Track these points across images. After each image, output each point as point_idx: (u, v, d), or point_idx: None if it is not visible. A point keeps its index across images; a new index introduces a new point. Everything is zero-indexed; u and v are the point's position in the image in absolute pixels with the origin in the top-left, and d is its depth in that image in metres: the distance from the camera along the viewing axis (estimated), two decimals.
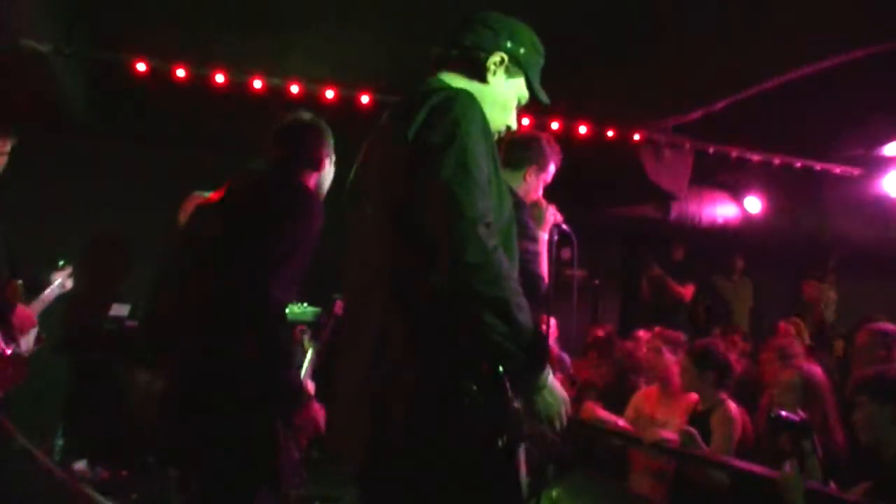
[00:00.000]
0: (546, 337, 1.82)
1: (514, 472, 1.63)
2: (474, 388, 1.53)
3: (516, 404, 1.59)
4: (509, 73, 1.85)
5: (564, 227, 2.77)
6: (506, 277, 1.53)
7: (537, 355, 1.58)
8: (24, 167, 3.97)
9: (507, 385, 1.57)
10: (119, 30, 4.41)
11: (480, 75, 1.83)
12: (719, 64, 4.41)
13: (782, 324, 5.99)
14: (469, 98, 1.66)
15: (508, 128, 1.91)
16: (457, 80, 1.82)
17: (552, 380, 1.65)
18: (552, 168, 2.92)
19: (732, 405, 3.41)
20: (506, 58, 1.82)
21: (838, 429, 3.00)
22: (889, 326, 3.70)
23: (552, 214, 2.77)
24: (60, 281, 4.21)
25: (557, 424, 1.65)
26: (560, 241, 2.76)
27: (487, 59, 1.81)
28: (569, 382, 4.54)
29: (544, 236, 2.72)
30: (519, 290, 1.56)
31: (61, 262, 4.26)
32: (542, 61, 1.92)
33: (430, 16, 3.91)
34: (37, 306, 4.05)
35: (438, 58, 1.87)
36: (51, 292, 4.15)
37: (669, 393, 3.77)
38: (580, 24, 3.86)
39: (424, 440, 1.54)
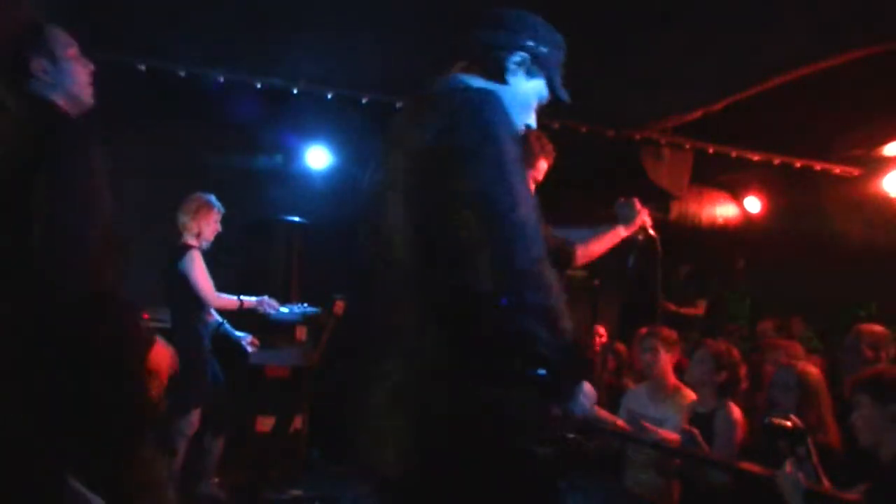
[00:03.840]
0: (586, 345, 1.80)
1: (552, 478, 1.60)
2: (513, 391, 1.49)
3: (555, 410, 1.58)
4: (530, 74, 1.77)
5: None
6: (552, 284, 1.48)
7: (578, 363, 1.58)
8: None
9: (547, 391, 1.54)
10: (119, 30, 4.41)
11: (499, 75, 1.74)
12: (719, 64, 4.41)
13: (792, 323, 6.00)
14: (497, 99, 1.59)
15: (528, 126, 1.84)
16: (474, 80, 1.72)
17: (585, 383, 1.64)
18: (543, 165, 2.90)
19: (736, 408, 3.41)
20: (527, 58, 1.75)
21: (833, 429, 3.00)
22: (876, 327, 3.71)
23: None
24: None
25: (584, 422, 1.65)
26: None
27: (507, 58, 1.74)
28: None
29: None
30: (563, 296, 1.51)
31: None
32: (563, 58, 1.84)
33: (430, 16, 3.91)
34: None
35: (454, 55, 1.78)
36: None
37: (662, 391, 3.77)
38: (580, 24, 3.86)
39: (464, 446, 1.50)
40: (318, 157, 5.91)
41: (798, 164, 5.90)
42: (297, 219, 5.53)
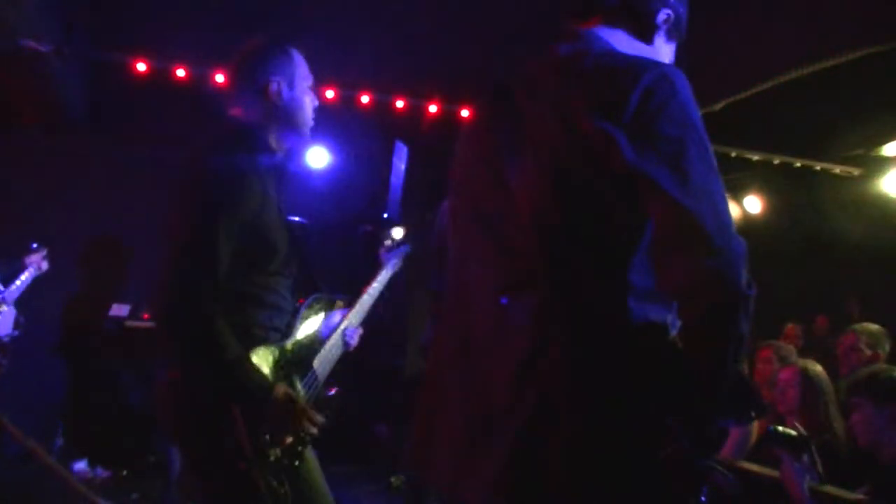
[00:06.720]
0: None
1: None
2: (673, 431, 1.20)
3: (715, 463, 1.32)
4: (669, 37, 1.54)
5: None
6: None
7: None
8: (23, 167, 3.96)
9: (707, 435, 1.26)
10: (119, 30, 4.41)
11: (646, 34, 1.49)
12: (719, 64, 4.41)
13: (790, 326, 6.00)
14: (682, 74, 1.33)
15: None
16: (617, 39, 1.45)
17: None
18: None
19: None
20: (672, 17, 1.51)
21: (840, 427, 3.00)
22: (873, 326, 3.72)
23: None
24: (35, 264, 4.27)
25: None
26: None
27: (656, 14, 1.49)
28: None
29: None
30: None
31: (34, 245, 4.30)
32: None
33: (430, 15, 3.91)
34: (14, 291, 4.13)
35: (588, 7, 1.49)
36: (27, 276, 4.21)
37: None
38: None
39: (592, 497, 1.18)
40: (318, 157, 5.91)
41: (798, 164, 5.89)
42: (297, 219, 5.53)
